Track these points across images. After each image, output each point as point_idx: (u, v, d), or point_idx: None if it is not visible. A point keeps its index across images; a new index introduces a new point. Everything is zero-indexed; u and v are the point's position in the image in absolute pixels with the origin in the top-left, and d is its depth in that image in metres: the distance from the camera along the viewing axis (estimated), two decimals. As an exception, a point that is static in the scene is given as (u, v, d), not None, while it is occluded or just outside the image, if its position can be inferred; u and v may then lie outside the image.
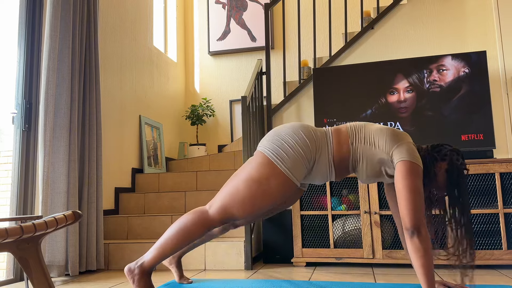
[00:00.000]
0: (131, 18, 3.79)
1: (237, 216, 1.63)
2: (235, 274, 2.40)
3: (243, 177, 1.62)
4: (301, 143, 1.62)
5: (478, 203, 2.45)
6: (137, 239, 2.93)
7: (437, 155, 1.65)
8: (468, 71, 2.76)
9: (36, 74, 2.64)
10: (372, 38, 3.43)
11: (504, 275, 2.17)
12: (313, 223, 2.65)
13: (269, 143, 1.64)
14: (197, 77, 4.91)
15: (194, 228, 1.64)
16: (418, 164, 1.56)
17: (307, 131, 1.66)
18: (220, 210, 1.63)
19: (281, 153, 1.61)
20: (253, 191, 1.59)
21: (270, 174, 1.59)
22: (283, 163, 1.60)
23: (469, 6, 3.26)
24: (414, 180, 1.53)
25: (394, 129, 1.67)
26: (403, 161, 1.56)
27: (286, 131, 1.66)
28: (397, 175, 1.56)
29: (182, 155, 4.52)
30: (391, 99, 2.86)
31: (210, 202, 1.69)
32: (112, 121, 3.38)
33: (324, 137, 1.68)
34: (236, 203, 1.61)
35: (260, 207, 1.61)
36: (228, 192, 1.63)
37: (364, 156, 1.64)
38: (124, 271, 1.74)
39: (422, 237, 1.48)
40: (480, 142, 2.67)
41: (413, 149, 1.60)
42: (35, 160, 2.56)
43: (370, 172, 1.67)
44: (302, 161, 1.62)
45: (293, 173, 1.61)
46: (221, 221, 1.64)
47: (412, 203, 1.51)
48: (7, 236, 1.27)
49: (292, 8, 4.73)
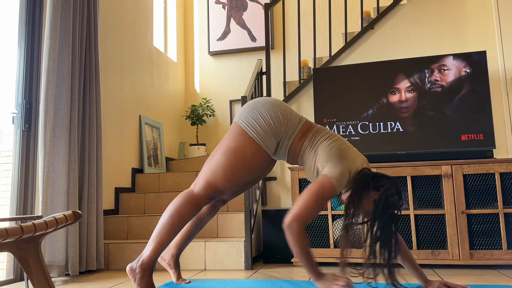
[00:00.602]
0: (131, 18, 3.79)
1: (221, 187, 1.71)
2: (235, 274, 2.40)
3: (221, 150, 1.74)
4: (275, 119, 1.75)
5: (478, 203, 2.45)
6: (137, 239, 2.93)
7: (371, 183, 1.64)
8: (470, 71, 2.76)
9: (36, 74, 2.64)
10: (372, 38, 3.43)
11: (504, 275, 2.17)
12: (313, 223, 2.65)
13: (246, 115, 1.77)
14: (197, 77, 4.91)
15: (183, 209, 1.70)
16: (334, 186, 1.61)
17: (283, 112, 1.78)
18: (204, 186, 1.72)
19: (254, 125, 1.73)
20: (232, 160, 1.70)
21: (245, 144, 1.72)
22: (255, 132, 1.72)
23: (469, 6, 3.26)
24: (321, 191, 1.60)
25: (342, 149, 1.69)
26: (325, 175, 1.64)
27: (264, 105, 1.77)
28: (313, 181, 1.68)
29: (182, 155, 4.52)
30: (392, 99, 2.86)
31: (194, 181, 1.76)
32: (112, 121, 3.38)
33: (295, 124, 1.79)
34: (218, 175, 1.71)
35: (240, 176, 1.71)
36: (209, 167, 1.73)
37: (307, 160, 1.76)
38: (126, 270, 1.75)
39: (291, 232, 1.58)
40: (480, 142, 2.67)
41: (343, 174, 1.63)
42: (35, 160, 2.56)
43: (309, 173, 1.79)
44: (272, 133, 1.74)
45: (265, 142, 1.72)
46: (207, 196, 1.73)
47: (307, 201, 1.60)
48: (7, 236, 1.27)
49: (292, 8, 4.73)
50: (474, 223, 2.43)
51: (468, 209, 2.45)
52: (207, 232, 2.91)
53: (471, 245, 2.41)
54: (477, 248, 2.40)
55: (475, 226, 2.42)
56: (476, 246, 2.40)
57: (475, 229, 2.42)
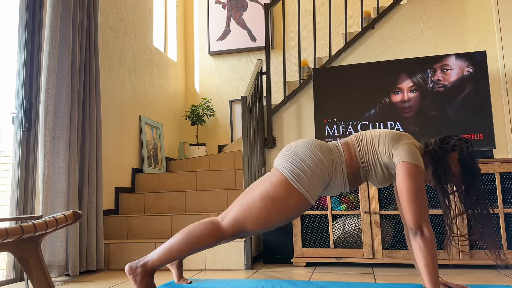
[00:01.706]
0: (131, 18, 3.79)
1: (249, 230, 1.63)
2: (235, 274, 2.40)
3: (259, 194, 1.62)
4: (319, 163, 1.63)
5: (478, 203, 2.45)
6: (137, 239, 2.93)
7: (446, 146, 1.66)
8: (472, 72, 2.76)
9: (36, 74, 2.64)
10: (372, 38, 3.43)
11: (504, 275, 2.17)
12: (313, 223, 2.65)
13: (288, 163, 1.64)
14: (197, 77, 4.91)
15: (204, 238, 1.64)
16: (417, 164, 1.57)
17: (324, 150, 1.67)
18: (233, 224, 1.63)
19: (299, 174, 1.61)
20: (268, 208, 1.60)
21: (287, 194, 1.60)
22: (301, 184, 1.60)
23: (469, 6, 3.26)
24: (414, 181, 1.54)
25: (393, 132, 1.68)
26: (402, 162, 1.58)
27: (303, 150, 1.66)
28: (398, 176, 1.59)
29: (182, 155, 4.52)
30: (392, 99, 2.86)
31: (223, 214, 1.68)
32: (112, 121, 3.38)
33: (337, 153, 1.70)
34: (250, 218, 1.61)
35: (274, 223, 1.63)
36: (243, 207, 1.63)
37: (371, 165, 1.68)
38: (125, 270, 1.72)
39: (425, 237, 1.50)
40: (480, 142, 2.67)
41: (413, 149, 1.60)
42: (35, 160, 2.56)
43: (380, 179, 1.70)
44: (319, 180, 1.64)
45: (310, 192, 1.62)
46: (232, 235, 1.65)
47: (413, 204, 1.52)
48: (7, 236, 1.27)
49: (292, 8, 4.73)
50: (474, 223, 2.42)
51: (468, 209, 2.44)
52: (207, 232, 2.91)
53: (471, 245, 2.41)
54: (477, 248, 2.40)
55: (475, 226, 2.42)
56: (476, 246, 2.40)
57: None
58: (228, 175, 3.47)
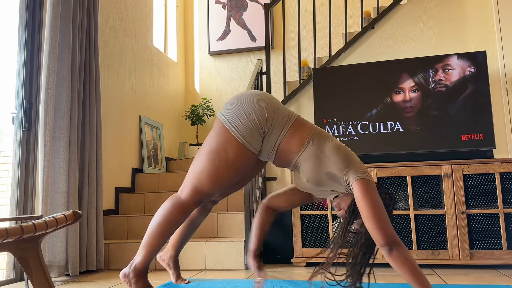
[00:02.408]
0: (131, 18, 3.79)
1: (207, 191, 1.64)
2: (235, 274, 2.40)
3: (204, 152, 1.65)
4: (259, 114, 1.62)
5: (478, 203, 2.45)
6: (137, 239, 2.93)
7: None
8: (474, 71, 2.76)
9: (36, 74, 2.64)
10: (372, 38, 3.43)
11: (504, 275, 2.17)
12: (313, 223, 2.65)
13: (228, 110, 1.65)
14: (197, 77, 4.91)
15: (172, 216, 1.66)
16: (372, 181, 1.56)
17: (269, 106, 1.65)
18: (191, 191, 1.65)
19: (237, 121, 1.62)
20: (215, 162, 1.61)
21: (226, 142, 1.61)
22: (238, 131, 1.61)
23: (469, 6, 3.26)
24: (374, 196, 1.51)
25: (347, 149, 1.64)
26: (360, 179, 1.53)
27: (248, 99, 1.66)
28: (357, 194, 1.53)
29: (182, 155, 4.51)
30: (390, 99, 2.86)
31: (181, 187, 1.70)
32: (112, 121, 3.38)
33: (284, 120, 1.65)
34: (203, 180, 1.63)
35: (226, 179, 1.62)
36: (194, 171, 1.65)
37: (311, 161, 1.60)
38: (120, 277, 1.73)
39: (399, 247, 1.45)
40: (480, 142, 2.67)
41: (365, 168, 1.59)
42: (35, 160, 2.56)
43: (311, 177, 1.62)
44: (256, 130, 1.62)
45: (248, 140, 1.61)
46: (194, 202, 1.66)
47: (378, 219, 1.47)
48: (7, 236, 1.27)
49: (292, 8, 4.73)
50: (474, 223, 2.43)
51: (468, 209, 2.45)
52: (207, 232, 2.91)
53: (471, 245, 2.41)
54: (477, 248, 2.40)
55: (475, 226, 2.42)
56: (476, 246, 2.40)
57: (475, 229, 2.42)
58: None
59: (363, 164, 1.62)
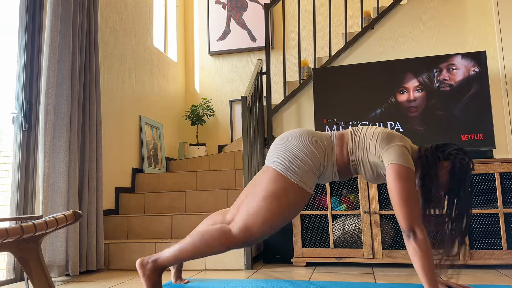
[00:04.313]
0: (131, 18, 3.79)
1: (260, 235, 1.64)
2: (235, 274, 2.40)
3: (261, 195, 1.64)
4: (310, 155, 1.66)
5: (478, 203, 2.45)
6: (137, 239, 2.93)
7: (440, 154, 1.64)
8: (478, 71, 2.76)
9: (36, 74, 2.64)
10: (372, 38, 3.43)
11: (504, 275, 2.17)
12: (313, 223, 2.65)
13: (280, 158, 1.67)
14: (197, 77, 4.91)
15: (215, 243, 1.65)
16: (407, 166, 1.56)
17: (315, 142, 1.69)
18: (244, 231, 1.64)
19: (292, 167, 1.64)
20: (274, 207, 1.62)
21: (286, 187, 1.62)
22: (296, 176, 1.63)
23: (469, 7, 3.26)
24: (404, 183, 1.53)
25: (387, 132, 1.67)
26: (391, 164, 1.58)
27: (294, 143, 1.68)
28: (388, 178, 1.59)
29: (182, 155, 4.52)
30: (398, 99, 2.86)
31: (235, 219, 1.68)
32: (112, 121, 3.38)
33: (330, 144, 1.72)
34: (259, 222, 1.62)
35: (281, 221, 1.64)
36: (250, 212, 1.64)
37: (360, 161, 1.69)
38: (136, 264, 1.74)
39: (418, 238, 1.49)
40: (480, 142, 2.67)
41: (403, 151, 1.60)
42: (35, 160, 2.56)
43: (369, 175, 1.72)
44: (312, 171, 1.66)
45: (306, 183, 1.64)
46: (243, 241, 1.65)
47: (404, 205, 1.52)
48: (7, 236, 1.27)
49: (292, 8, 4.73)
50: (474, 223, 2.43)
51: (468, 209, 2.44)
52: (207, 232, 2.91)
53: (471, 245, 2.41)
54: (477, 248, 2.40)
55: (475, 226, 2.42)
56: (476, 246, 2.40)
57: (475, 229, 2.42)
58: (228, 175, 3.47)
59: (402, 147, 1.61)
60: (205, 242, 1.65)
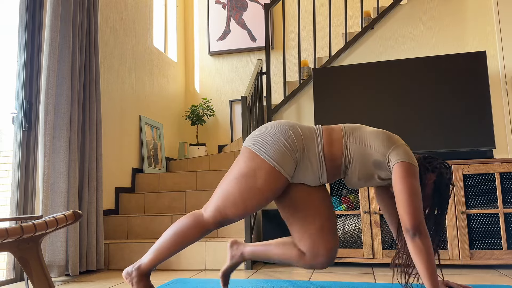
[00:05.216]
0: (131, 18, 3.79)
1: (231, 217, 1.63)
2: (235, 274, 2.40)
3: (232, 175, 1.63)
4: (285, 135, 1.62)
5: (478, 203, 2.45)
6: (137, 239, 2.93)
7: (428, 165, 1.66)
8: (473, 71, 2.76)
9: (36, 74, 2.64)
10: (372, 38, 3.43)
11: (504, 275, 2.17)
12: (313, 223, 2.65)
13: (255, 138, 1.65)
14: (197, 77, 4.91)
15: (190, 232, 1.65)
16: (415, 165, 1.57)
17: (292, 126, 1.66)
18: (214, 213, 1.63)
19: (262, 143, 1.61)
20: (243, 187, 1.59)
21: (255, 166, 1.59)
22: (265, 152, 1.59)
23: (469, 7, 3.26)
24: (412, 181, 1.53)
25: (388, 132, 1.67)
26: (401, 162, 1.55)
27: (270, 125, 1.68)
28: (395, 176, 1.56)
29: (182, 155, 4.52)
30: (392, 99, 2.86)
31: (205, 205, 1.69)
32: (112, 121, 3.38)
33: (312, 134, 1.66)
34: (229, 203, 1.61)
35: (252, 203, 1.60)
36: (220, 194, 1.63)
37: (357, 157, 1.62)
38: (123, 275, 1.74)
39: (423, 237, 1.49)
40: (480, 142, 2.67)
41: (409, 151, 1.61)
42: (35, 160, 2.56)
43: (361, 174, 1.64)
44: (286, 151, 1.60)
45: (278, 162, 1.58)
46: (215, 224, 1.65)
47: (411, 204, 1.51)
48: (7, 236, 1.27)
49: (292, 8, 4.73)
50: (474, 223, 2.43)
51: (468, 209, 2.45)
52: (207, 232, 2.91)
53: (471, 245, 2.41)
54: (477, 248, 2.40)
55: (475, 226, 2.42)
56: (476, 246, 2.40)
57: (475, 229, 2.42)
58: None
59: (407, 147, 1.62)
60: (179, 232, 1.66)
